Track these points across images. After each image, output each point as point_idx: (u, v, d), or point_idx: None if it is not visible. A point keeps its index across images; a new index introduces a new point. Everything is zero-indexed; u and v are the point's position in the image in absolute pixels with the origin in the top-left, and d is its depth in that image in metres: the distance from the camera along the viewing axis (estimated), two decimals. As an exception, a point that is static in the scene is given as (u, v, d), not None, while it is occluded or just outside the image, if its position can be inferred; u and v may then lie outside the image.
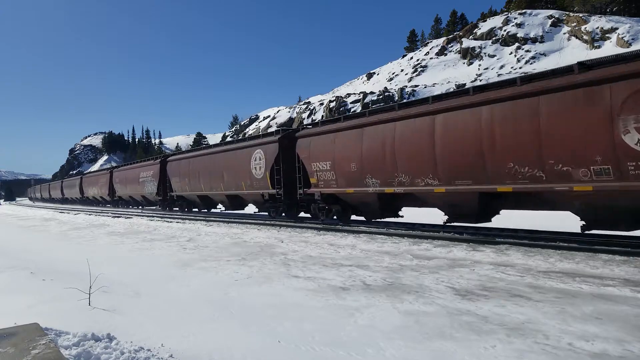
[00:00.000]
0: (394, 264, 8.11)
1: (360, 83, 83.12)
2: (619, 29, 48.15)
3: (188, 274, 8.10)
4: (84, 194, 48.90)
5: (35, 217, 31.33)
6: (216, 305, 5.80)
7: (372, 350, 4.15)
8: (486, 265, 7.69)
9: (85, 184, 48.65)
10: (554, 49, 53.54)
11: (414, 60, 73.89)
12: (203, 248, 11.25)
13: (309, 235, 12.92)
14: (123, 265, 9.19)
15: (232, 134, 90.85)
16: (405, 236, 11.72)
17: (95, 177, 45.63)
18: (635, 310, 4.95)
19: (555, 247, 8.90)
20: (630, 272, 6.70)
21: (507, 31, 60.17)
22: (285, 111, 74.48)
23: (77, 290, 5.94)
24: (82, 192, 49.36)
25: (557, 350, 3.99)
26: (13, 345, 3.88)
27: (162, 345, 4.33)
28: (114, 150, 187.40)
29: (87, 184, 47.65)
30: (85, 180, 49.29)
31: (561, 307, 5.16)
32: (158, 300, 6.24)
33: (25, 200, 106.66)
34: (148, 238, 14.13)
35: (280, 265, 8.49)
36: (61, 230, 18.97)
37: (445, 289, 6.19)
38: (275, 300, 6.00)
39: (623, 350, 3.93)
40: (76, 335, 4.44)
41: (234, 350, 4.21)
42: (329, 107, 61.32)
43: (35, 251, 12.23)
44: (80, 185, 50.02)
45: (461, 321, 4.84)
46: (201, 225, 17.94)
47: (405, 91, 56.56)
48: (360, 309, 5.44)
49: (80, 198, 51.33)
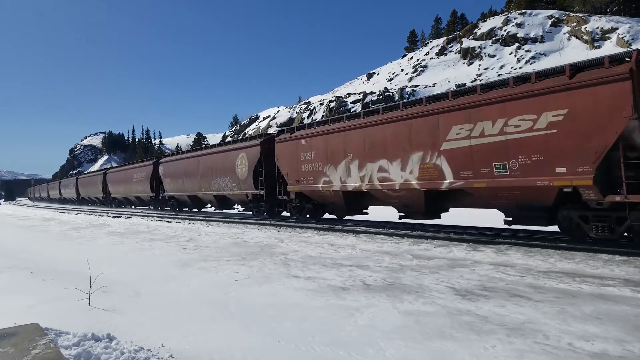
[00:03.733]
0: (394, 264, 8.11)
1: (360, 83, 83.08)
2: (619, 29, 48.13)
3: (188, 273, 8.10)
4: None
5: (35, 217, 31.32)
6: (216, 305, 5.80)
7: (372, 350, 4.15)
8: (486, 265, 7.69)
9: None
10: (554, 49, 53.52)
11: (414, 60, 73.85)
12: (203, 248, 11.24)
13: (309, 235, 12.92)
14: (123, 265, 9.19)
15: (232, 134, 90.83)
16: (405, 236, 11.72)
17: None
18: (635, 310, 4.95)
19: (555, 247, 8.90)
20: (630, 272, 6.70)
21: (507, 31, 60.14)
22: (285, 111, 74.44)
23: (77, 290, 5.94)
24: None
25: (557, 350, 3.99)
26: (13, 345, 3.88)
27: (162, 345, 4.33)
28: (114, 150, 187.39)
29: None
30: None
31: (561, 307, 5.16)
32: (158, 300, 6.24)
33: (25, 200, 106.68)
34: (148, 238, 14.13)
35: (281, 265, 8.49)
36: (61, 230, 18.97)
37: (445, 289, 6.19)
38: (276, 300, 6.00)
39: (623, 350, 3.93)
40: (76, 335, 4.44)
41: (234, 350, 4.21)
42: (329, 107, 61.30)
43: (35, 251, 12.23)
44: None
45: (461, 321, 4.84)
46: (201, 225, 17.93)
47: (405, 91, 56.53)
48: (360, 309, 5.44)
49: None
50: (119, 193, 37.19)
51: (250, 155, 18.87)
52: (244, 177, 19.32)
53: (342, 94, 67.43)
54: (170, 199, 27.86)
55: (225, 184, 20.93)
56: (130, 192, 34.25)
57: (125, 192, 35.37)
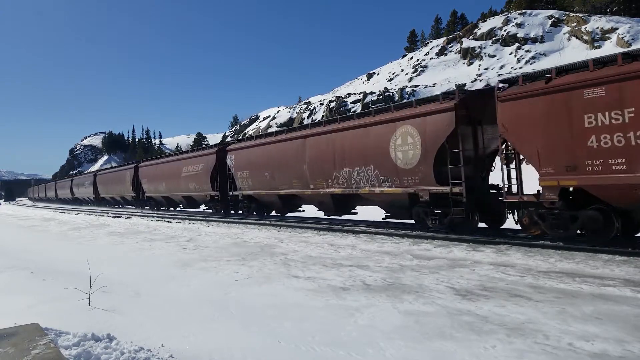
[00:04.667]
0: (394, 264, 8.11)
1: (360, 83, 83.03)
2: (619, 29, 48.10)
3: (188, 274, 8.09)
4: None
5: (35, 217, 31.33)
6: (216, 305, 5.80)
7: (372, 350, 4.15)
8: (486, 265, 7.69)
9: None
10: (554, 49, 53.49)
11: (414, 61, 73.79)
12: (203, 248, 11.24)
13: (309, 236, 12.92)
14: (123, 265, 9.19)
15: (232, 134, 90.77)
16: (406, 236, 11.71)
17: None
18: (635, 310, 4.95)
19: (555, 247, 8.89)
20: (631, 272, 6.70)
21: (507, 31, 60.11)
22: (285, 111, 74.38)
23: (77, 291, 5.94)
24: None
25: (557, 350, 3.99)
26: (13, 345, 3.88)
27: (162, 346, 4.33)
28: (114, 151, 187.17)
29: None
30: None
31: (561, 307, 5.15)
32: (158, 300, 6.24)
33: (25, 200, 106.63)
34: (148, 238, 14.12)
35: (281, 265, 8.48)
36: (61, 230, 18.96)
37: (445, 289, 6.18)
38: (276, 300, 6.00)
39: (623, 350, 3.93)
40: (76, 335, 4.44)
41: (234, 350, 4.21)
42: (329, 107, 61.29)
43: (36, 251, 12.23)
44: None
45: (461, 321, 4.84)
46: (201, 225, 17.93)
47: (405, 91, 56.51)
48: (360, 309, 5.44)
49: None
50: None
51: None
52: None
53: (342, 94, 67.40)
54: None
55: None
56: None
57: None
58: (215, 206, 22.80)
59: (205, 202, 23.86)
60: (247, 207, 20.19)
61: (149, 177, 29.57)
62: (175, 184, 25.75)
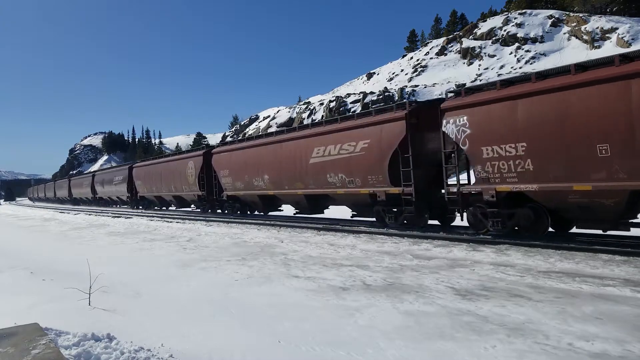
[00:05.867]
0: (394, 264, 8.11)
1: (360, 83, 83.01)
2: (619, 29, 48.08)
3: (188, 274, 8.09)
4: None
5: (35, 217, 31.34)
6: (216, 305, 5.80)
7: (372, 351, 4.15)
8: (486, 265, 7.69)
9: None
10: (554, 49, 53.49)
11: (414, 60, 73.76)
12: (203, 248, 11.24)
13: (309, 235, 12.92)
14: (123, 265, 9.19)
15: (232, 134, 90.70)
16: (406, 236, 11.71)
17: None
18: (636, 310, 4.94)
19: (555, 247, 8.89)
20: (630, 272, 6.70)
21: (507, 31, 60.09)
22: (285, 111, 74.34)
23: (77, 290, 5.94)
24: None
25: (557, 350, 3.99)
26: (13, 345, 3.88)
27: (162, 345, 4.33)
28: (114, 150, 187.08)
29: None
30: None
31: (561, 307, 5.15)
32: (158, 300, 6.24)
33: (25, 200, 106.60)
34: (148, 238, 14.12)
35: (281, 265, 8.48)
36: (61, 230, 18.97)
37: (445, 289, 6.18)
38: (276, 300, 6.00)
39: (623, 350, 3.93)
40: (76, 335, 4.44)
41: (234, 350, 4.21)
42: (329, 107, 61.27)
43: (36, 251, 12.24)
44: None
45: (461, 321, 4.84)
46: (201, 225, 17.93)
47: (405, 91, 56.49)
48: (360, 309, 5.44)
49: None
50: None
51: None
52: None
53: (342, 94, 67.37)
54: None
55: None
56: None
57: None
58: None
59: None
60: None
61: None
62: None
